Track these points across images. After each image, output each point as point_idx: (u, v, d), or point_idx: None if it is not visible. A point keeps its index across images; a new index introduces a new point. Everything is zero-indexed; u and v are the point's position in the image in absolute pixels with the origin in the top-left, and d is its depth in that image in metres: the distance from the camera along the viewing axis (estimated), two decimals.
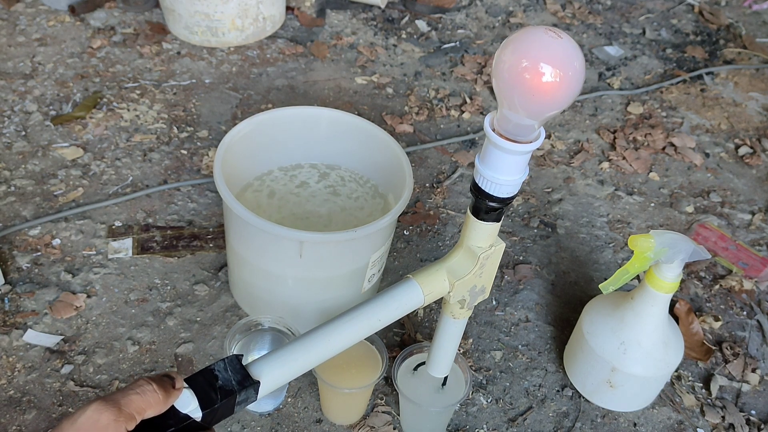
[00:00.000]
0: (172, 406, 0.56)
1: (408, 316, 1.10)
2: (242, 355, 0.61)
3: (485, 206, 0.68)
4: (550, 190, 1.39)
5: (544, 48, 0.57)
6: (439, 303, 1.14)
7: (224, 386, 0.58)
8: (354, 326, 0.69)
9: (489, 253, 0.72)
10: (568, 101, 0.59)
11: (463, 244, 0.72)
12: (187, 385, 0.57)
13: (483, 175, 0.66)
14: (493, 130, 0.63)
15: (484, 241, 0.71)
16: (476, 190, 0.67)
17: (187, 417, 0.56)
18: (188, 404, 0.56)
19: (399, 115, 1.54)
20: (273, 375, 0.62)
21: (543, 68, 0.56)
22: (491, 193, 0.66)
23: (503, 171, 0.64)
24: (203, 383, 0.58)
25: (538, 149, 1.48)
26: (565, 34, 0.58)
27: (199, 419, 0.57)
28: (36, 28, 1.68)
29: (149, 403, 0.54)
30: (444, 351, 0.85)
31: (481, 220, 0.69)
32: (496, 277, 1.19)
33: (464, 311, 0.78)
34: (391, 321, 0.70)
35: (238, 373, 0.60)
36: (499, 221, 0.70)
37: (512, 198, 0.67)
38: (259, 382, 0.61)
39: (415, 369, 0.92)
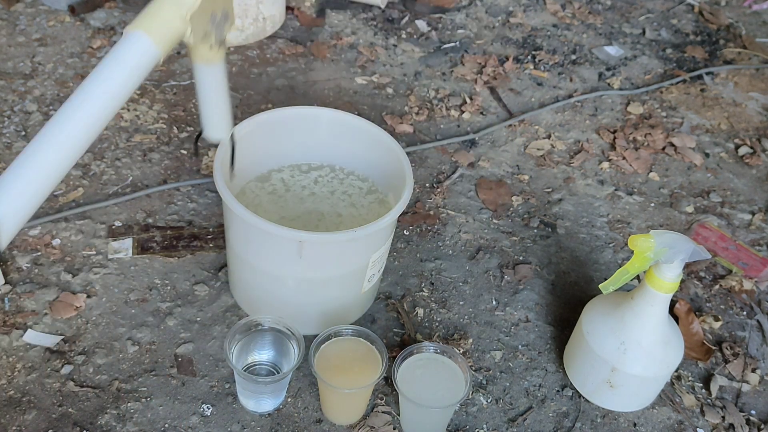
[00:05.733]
0: None
1: (408, 316, 1.10)
2: None
3: None
4: (550, 190, 1.39)
5: None
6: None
7: None
8: (89, 109, 0.55)
9: None
10: None
11: None
12: None
13: None
14: None
15: None
16: None
17: None
18: None
19: (399, 115, 1.54)
20: (14, 209, 0.50)
21: None
22: None
23: None
24: None
25: (537, 149, 1.48)
26: None
27: None
28: (36, 28, 1.68)
29: None
30: (214, 106, 0.76)
31: None
32: (495, 277, 1.19)
33: (215, 51, 0.69)
34: (127, 92, 0.58)
35: None
36: None
37: None
38: None
39: (197, 140, 0.81)
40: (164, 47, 0.60)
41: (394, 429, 0.96)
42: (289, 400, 0.98)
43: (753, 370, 1.09)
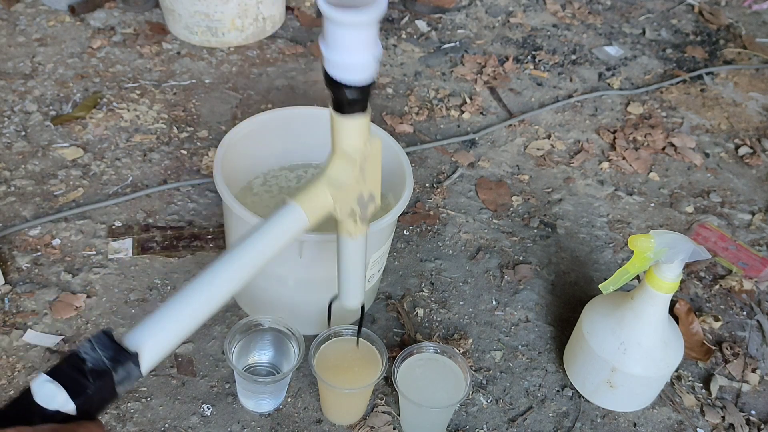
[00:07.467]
0: (36, 405, 0.47)
1: (408, 316, 1.10)
2: (112, 330, 0.54)
3: (345, 98, 0.62)
4: (550, 190, 1.39)
5: None
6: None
7: (95, 368, 0.50)
8: (239, 264, 0.61)
9: (366, 152, 0.67)
10: None
11: (337, 149, 0.67)
12: (49, 378, 0.48)
13: (332, 62, 0.60)
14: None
15: (356, 138, 0.66)
16: (331, 82, 0.62)
17: (57, 413, 0.47)
18: (53, 399, 0.47)
19: (399, 115, 1.54)
20: (156, 341, 0.55)
21: None
22: (346, 82, 0.61)
23: (353, 51, 0.59)
24: (69, 371, 0.49)
25: (537, 149, 1.48)
26: None
27: (73, 412, 0.48)
28: (36, 28, 1.68)
29: None
30: (352, 276, 0.80)
31: (346, 114, 0.64)
32: (495, 277, 1.19)
33: (359, 226, 0.72)
34: (276, 252, 0.64)
35: (109, 348, 0.51)
36: (365, 111, 0.65)
37: (371, 85, 0.63)
38: (136, 354, 0.53)
39: (330, 308, 0.88)
40: (314, 219, 0.67)
41: (394, 429, 0.96)
42: (289, 400, 0.98)
43: (753, 370, 1.09)
